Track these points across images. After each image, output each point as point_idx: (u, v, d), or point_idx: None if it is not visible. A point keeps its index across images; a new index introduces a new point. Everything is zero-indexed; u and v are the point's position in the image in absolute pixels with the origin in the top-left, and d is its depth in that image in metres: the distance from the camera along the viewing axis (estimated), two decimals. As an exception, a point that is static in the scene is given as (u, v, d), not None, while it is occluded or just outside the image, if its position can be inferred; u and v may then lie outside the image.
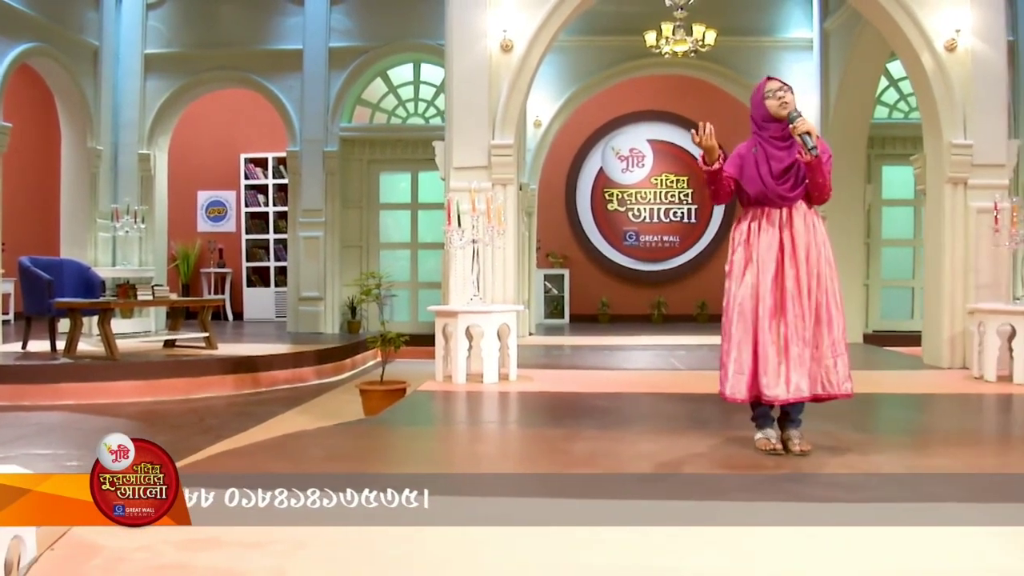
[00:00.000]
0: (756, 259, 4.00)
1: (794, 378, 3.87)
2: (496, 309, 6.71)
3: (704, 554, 2.63)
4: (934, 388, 6.54)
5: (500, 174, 7.45)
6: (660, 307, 14.95)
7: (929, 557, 2.60)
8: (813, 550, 2.68)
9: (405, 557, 2.59)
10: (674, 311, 14.96)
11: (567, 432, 4.72)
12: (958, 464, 3.85)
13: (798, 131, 3.92)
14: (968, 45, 7.69)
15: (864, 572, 2.52)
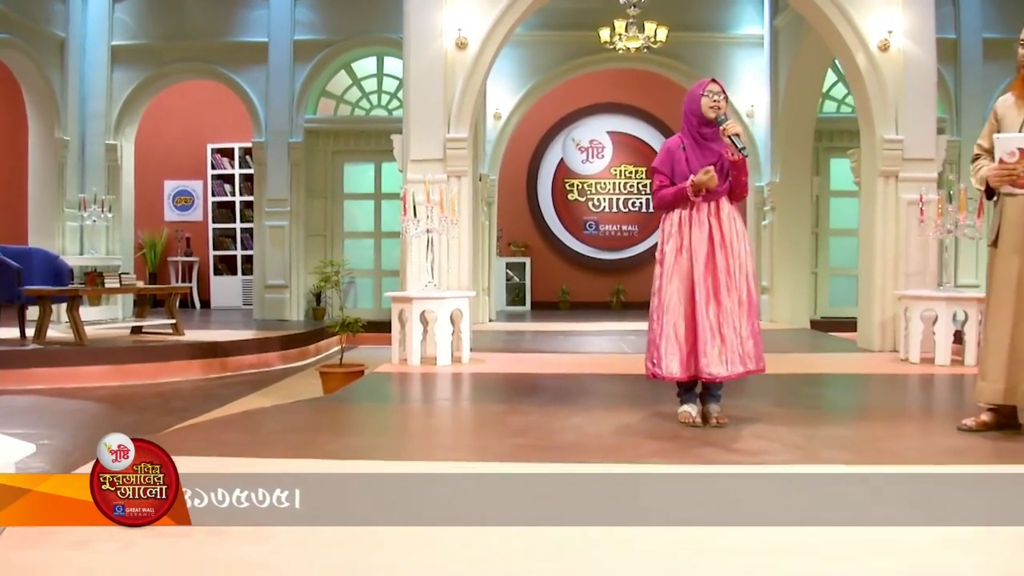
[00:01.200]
0: (689, 248, 4.37)
1: (731, 357, 4.26)
2: (449, 295, 7.07)
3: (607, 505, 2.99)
4: (859, 369, 6.99)
5: (455, 166, 7.79)
6: (619, 294, 15.37)
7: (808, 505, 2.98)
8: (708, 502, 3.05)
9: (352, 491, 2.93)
10: (632, 298, 15.36)
11: (507, 408, 5.11)
12: (850, 433, 4.26)
13: (728, 132, 4.29)
14: (900, 46, 8.13)
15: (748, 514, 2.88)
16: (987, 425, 4.29)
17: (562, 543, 2.58)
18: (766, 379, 5.96)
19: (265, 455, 3.76)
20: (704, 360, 4.24)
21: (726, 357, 4.25)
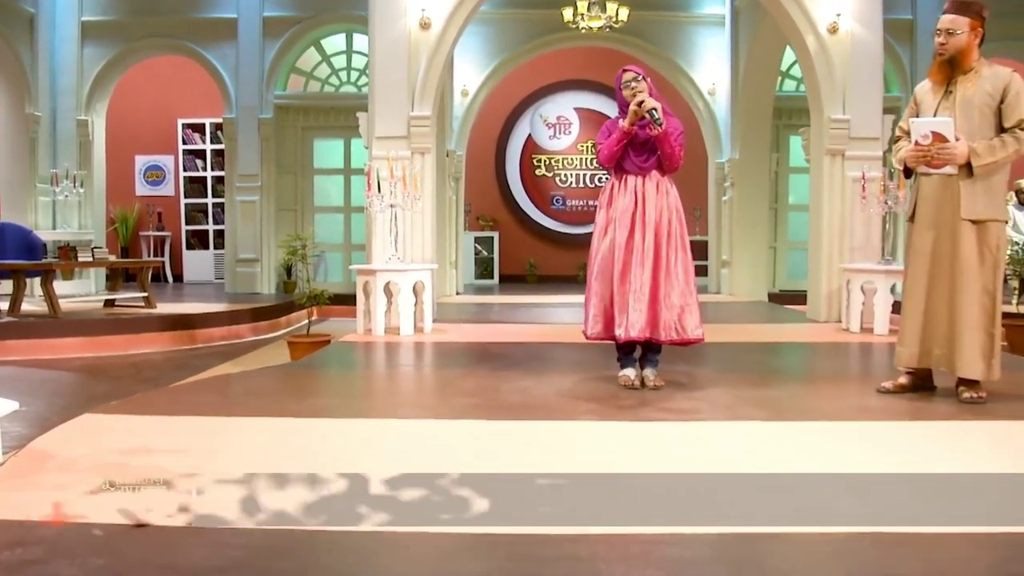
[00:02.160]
0: (615, 219, 4.69)
1: (641, 321, 4.56)
2: (412, 268, 7.37)
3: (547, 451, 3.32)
4: (802, 338, 7.36)
5: (419, 143, 8.05)
6: (585, 268, 15.65)
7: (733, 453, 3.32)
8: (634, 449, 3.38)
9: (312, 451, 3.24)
10: (598, 272, 15.64)
11: (462, 373, 5.44)
12: (777, 394, 4.61)
13: (645, 108, 4.59)
14: (848, 28, 8.44)
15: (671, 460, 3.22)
16: (904, 387, 4.64)
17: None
18: (712, 347, 6.34)
19: (233, 414, 4.06)
20: (627, 323, 4.55)
21: (636, 320, 4.54)
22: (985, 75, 4.40)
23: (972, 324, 4.34)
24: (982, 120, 4.34)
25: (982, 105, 4.34)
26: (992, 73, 4.41)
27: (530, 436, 3.65)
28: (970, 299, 4.34)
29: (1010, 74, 4.39)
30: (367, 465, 3.09)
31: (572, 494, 2.81)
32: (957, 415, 4.12)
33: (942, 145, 4.30)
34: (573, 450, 3.43)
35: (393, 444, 3.51)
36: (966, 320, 4.34)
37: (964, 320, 4.34)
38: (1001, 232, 4.42)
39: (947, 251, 4.38)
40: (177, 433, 3.63)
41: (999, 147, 4.28)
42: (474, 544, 2.34)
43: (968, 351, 4.35)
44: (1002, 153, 4.28)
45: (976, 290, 4.34)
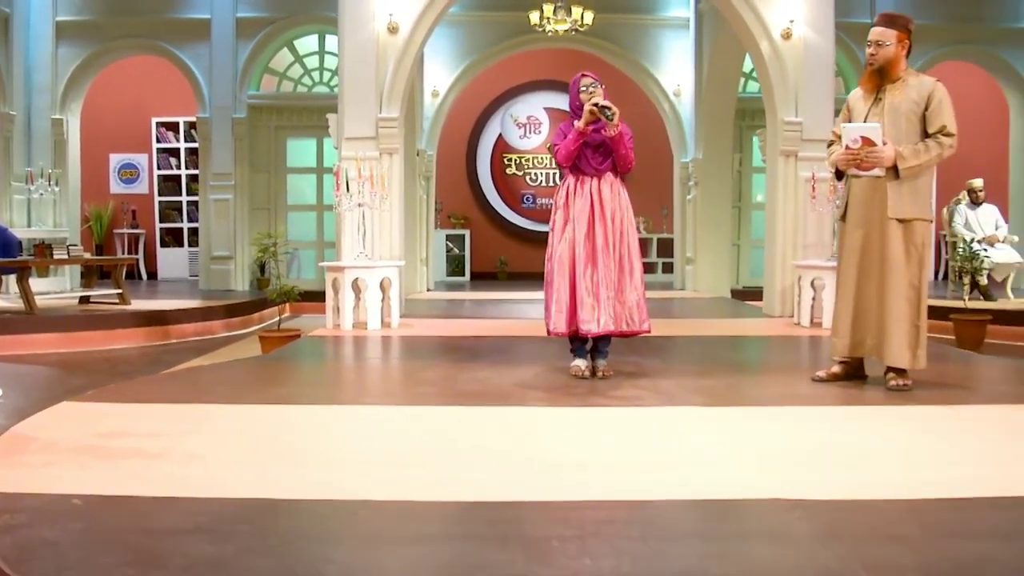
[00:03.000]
0: (572, 219, 4.97)
1: (603, 316, 4.86)
2: (379, 264, 7.62)
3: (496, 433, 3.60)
4: (754, 332, 7.68)
5: (387, 144, 8.30)
6: (553, 265, 15.97)
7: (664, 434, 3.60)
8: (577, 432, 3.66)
9: (277, 433, 3.49)
10: (568, 269, 15.96)
11: (423, 364, 5.71)
12: (718, 383, 4.91)
13: (599, 105, 4.87)
14: (801, 34, 8.77)
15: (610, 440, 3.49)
16: (837, 376, 4.96)
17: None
18: (665, 340, 6.65)
19: (203, 402, 4.31)
20: (581, 316, 4.84)
21: (598, 316, 4.84)
22: (911, 84, 4.72)
23: (899, 316, 4.65)
24: (908, 126, 4.65)
25: (908, 112, 4.65)
26: (918, 82, 4.72)
27: (482, 420, 3.93)
28: (897, 293, 4.65)
29: (934, 83, 4.70)
30: (324, 445, 3.36)
31: (513, 468, 3.08)
32: (882, 401, 4.43)
33: (870, 149, 4.60)
34: (520, 432, 3.71)
35: (351, 427, 3.78)
36: (893, 313, 4.65)
37: (891, 313, 4.65)
38: (926, 231, 4.73)
39: (876, 248, 4.70)
40: (150, 419, 3.88)
41: (923, 151, 4.59)
42: (416, 510, 2.61)
43: (895, 342, 4.66)
44: (926, 157, 4.60)
45: (903, 285, 4.65)
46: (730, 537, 2.41)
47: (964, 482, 2.91)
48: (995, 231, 10.86)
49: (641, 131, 16.19)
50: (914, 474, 3.05)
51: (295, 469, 3.04)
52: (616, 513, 2.58)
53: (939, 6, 13.25)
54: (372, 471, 3.02)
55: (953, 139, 4.61)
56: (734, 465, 3.14)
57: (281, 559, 2.18)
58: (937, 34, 13.22)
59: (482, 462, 3.17)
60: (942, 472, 3.08)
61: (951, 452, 3.39)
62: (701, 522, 2.56)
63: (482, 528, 2.47)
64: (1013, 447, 3.47)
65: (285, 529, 2.43)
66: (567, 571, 2.13)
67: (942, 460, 3.27)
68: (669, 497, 2.72)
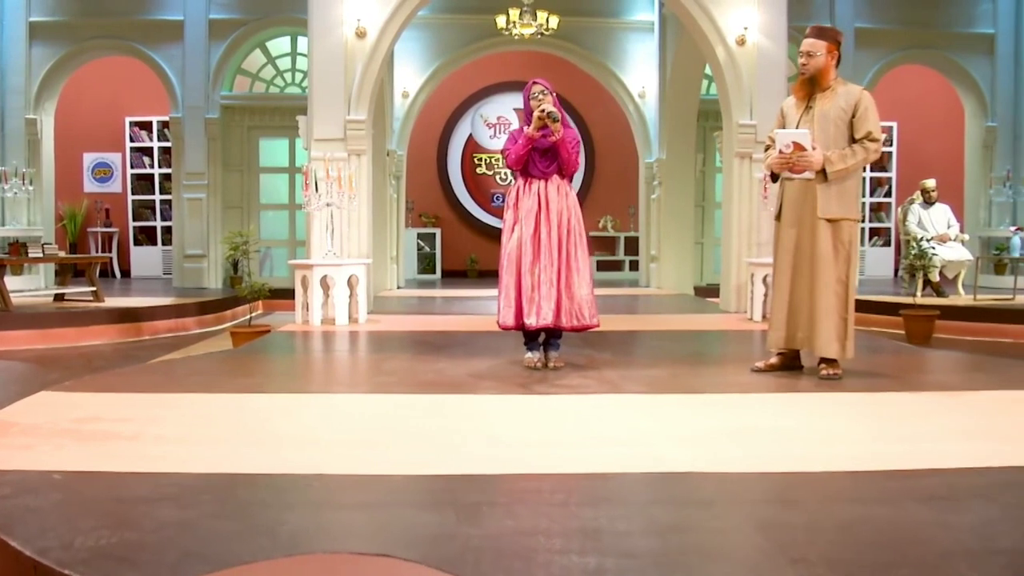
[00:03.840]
0: (520, 218, 5.27)
1: (544, 310, 5.15)
2: (346, 262, 7.90)
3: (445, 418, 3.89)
4: (707, 326, 8.02)
5: (355, 145, 8.58)
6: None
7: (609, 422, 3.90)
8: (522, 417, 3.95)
9: (244, 418, 3.76)
10: (537, 267, 16.28)
11: (385, 356, 6.01)
12: (662, 373, 5.23)
13: (545, 111, 5.17)
14: (755, 41, 9.12)
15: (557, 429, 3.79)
16: (774, 367, 5.29)
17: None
18: (619, 334, 6.97)
19: (174, 391, 4.57)
20: (535, 312, 5.14)
21: (541, 310, 5.13)
22: (840, 92, 5.05)
23: (828, 310, 4.99)
24: (837, 132, 4.98)
25: (837, 119, 4.99)
26: (846, 91, 5.06)
27: (433, 407, 4.22)
28: (826, 288, 4.99)
29: (860, 92, 5.04)
30: (286, 429, 3.65)
31: (455, 447, 3.37)
32: (812, 388, 4.77)
33: (801, 154, 4.93)
34: (466, 417, 4.00)
35: (312, 413, 4.07)
36: (823, 306, 4.99)
37: (821, 307, 4.99)
38: (853, 229, 5.07)
39: (807, 246, 5.03)
40: (123, 406, 4.14)
41: (850, 156, 4.93)
42: (363, 482, 2.91)
43: (825, 334, 5.00)
44: (852, 161, 4.93)
45: (831, 280, 4.99)
46: (641, 503, 2.72)
47: (863, 457, 3.23)
48: (947, 230, 11.26)
49: (608, 132, 16.65)
50: (822, 450, 3.36)
51: (257, 449, 3.32)
52: (544, 484, 2.88)
53: (896, 12, 13.67)
54: (327, 450, 3.30)
55: (878, 144, 4.95)
56: (659, 444, 3.45)
57: (239, 522, 2.46)
58: (894, 39, 13.65)
59: (428, 442, 3.46)
60: (847, 449, 3.39)
61: (860, 432, 3.72)
62: (617, 490, 2.86)
63: (420, 496, 2.77)
64: (916, 427, 3.80)
65: (244, 498, 2.71)
66: (492, 530, 2.42)
67: (850, 439, 3.59)
68: (593, 471, 3.02)
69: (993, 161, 13.99)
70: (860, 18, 13.67)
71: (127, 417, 3.83)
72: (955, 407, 4.29)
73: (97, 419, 3.78)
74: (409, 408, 4.19)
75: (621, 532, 2.38)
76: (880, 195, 16.22)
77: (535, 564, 2.16)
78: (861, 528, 2.47)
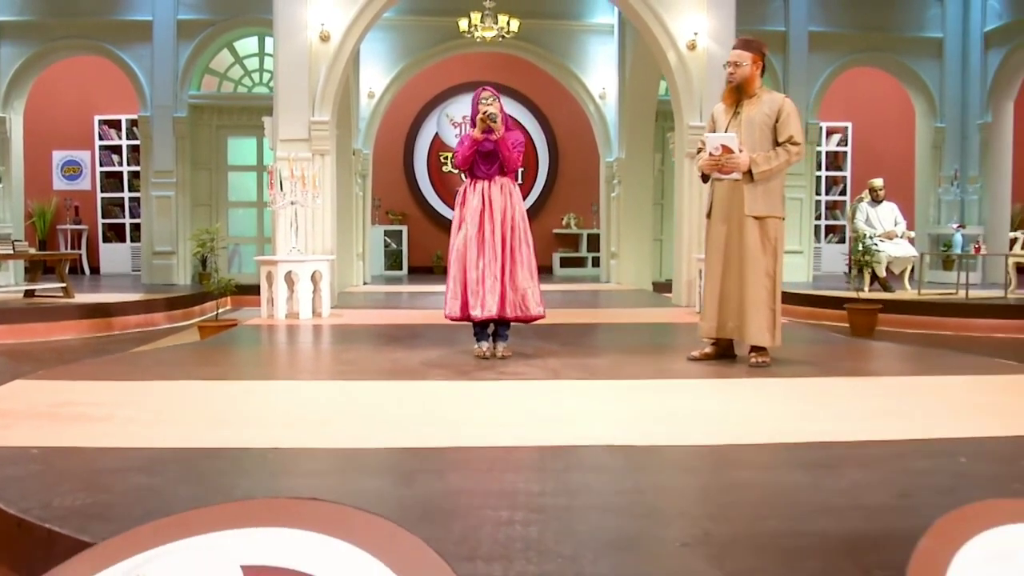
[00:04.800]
0: (468, 217, 5.61)
1: (489, 303, 5.50)
2: (310, 258, 8.20)
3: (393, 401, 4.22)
4: (656, 319, 8.40)
5: (319, 146, 8.89)
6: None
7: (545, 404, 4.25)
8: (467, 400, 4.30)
9: (208, 402, 4.08)
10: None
11: (344, 347, 6.34)
12: (601, 362, 5.59)
13: (486, 113, 5.52)
14: (704, 46, 9.51)
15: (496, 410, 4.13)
16: (709, 356, 5.66)
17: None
18: (568, 327, 7.33)
19: (143, 379, 4.87)
20: (480, 304, 5.49)
21: (485, 302, 5.48)
22: (764, 99, 5.43)
23: (757, 302, 5.37)
24: (762, 135, 5.37)
25: (762, 124, 5.37)
26: (770, 98, 5.44)
27: (384, 391, 4.56)
28: (755, 281, 5.36)
29: (783, 99, 5.43)
30: (247, 410, 3.97)
31: (399, 425, 3.71)
32: (741, 375, 5.14)
33: (729, 156, 5.31)
34: (413, 400, 4.34)
35: (272, 397, 4.39)
36: (752, 299, 5.37)
37: (751, 298, 5.37)
38: (779, 226, 5.45)
39: (736, 242, 5.41)
40: (95, 392, 4.44)
41: (774, 158, 5.31)
42: (314, 454, 3.24)
43: (755, 324, 5.38)
44: (776, 162, 5.32)
45: (760, 274, 5.37)
46: (557, 469, 3.06)
47: (769, 433, 3.59)
48: (894, 227, 11.74)
49: (571, 132, 17.01)
50: (734, 428, 3.72)
51: (220, 429, 3.64)
52: (473, 455, 3.23)
53: (848, 16, 14.14)
54: (284, 429, 3.63)
55: (800, 147, 5.34)
56: (586, 423, 3.80)
57: (199, 486, 2.79)
58: (847, 42, 14.13)
59: (376, 422, 3.80)
60: (758, 426, 3.75)
61: (775, 412, 4.09)
62: (538, 459, 3.21)
63: (364, 466, 3.11)
64: (825, 408, 4.18)
65: (205, 468, 3.04)
66: (423, 491, 2.77)
67: (764, 418, 3.96)
68: (518, 444, 3.37)
69: (942, 161, 14.50)
70: (814, 22, 14.12)
71: (99, 401, 4.14)
72: (867, 390, 4.69)
73: (71, 403, 4.08)
74: (361, 393, 4.52)
75: (534, 492, 2.73)
76: (835, 193, 16.72)
77: (454, 516, 2.51)
78: (745, 489, 2.83)
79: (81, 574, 1.88)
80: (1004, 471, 3.05)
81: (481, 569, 2.08)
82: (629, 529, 2.39)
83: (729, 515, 2.57)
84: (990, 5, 13.89)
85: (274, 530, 1.89)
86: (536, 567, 2.09)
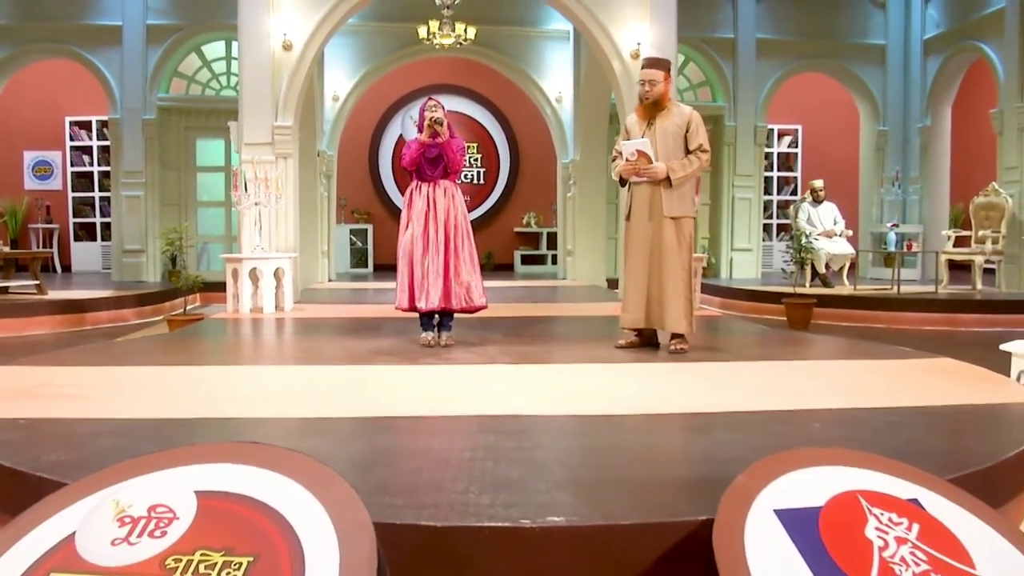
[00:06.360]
0: (413, 217, 6.15)
1: (432, 296, 6.05)
2: (273, 256, 8.71)
3: (341, 382, 4.75)
4: (598, 313, 8.97)
5: (282, 149, 9.38)
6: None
7: (475, 384, 4.79)
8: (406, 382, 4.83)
9: (174, 383, 4.58)
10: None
11: (302, 338, 6.87)
12: (535, 349, 6.15)
13: (432, 118, 6.06)
14: (647, 55, 10.05)
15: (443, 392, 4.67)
16: (634, 344, 6.23)
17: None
18: (514, 319, 7.86)
19: (115, 364, 5.37)
20: (426, 297, 6.04)
21: (429, 295, 6.03)
22: (675, 112, 6.01)
23: (676, 293, 5.94)
24: (675, 144, 5.94)
25: (674, 134, 5.94)
26: (679, 110, 6.03)
27: (333, 375, 5.08)
28: (673, 274, 5.93)
29: (691, 111, 6.01)
30: (209, 390, 4.48)
31: (344, 401, 4.25)
32: (660, 360, 5.71)
33: (647, 166, 5.87)
34: (359, 381, 4.87)
35: (231, 378, 4.91)
36: (670, 290, 5.93)
37: (670, 290, 5.93)
38: (691, 225, 6.03)
39: (655, 240, 5.97)
40: (71, 375, 4.94)
41: (688, 164, 5.89)
42: (268, 424, 3.77)
43: (673, 313, 5.95)
44: (691, 168, 5.89)
45: (676, 268, 5.94)
46: (470, 432, 3.61)
47: (658, 405, 4.16)
48: (833, 226, 12.39)
49: (531, 134, 17.58)
50: (637, 402, 4.27)
51: (183, 403, 4.15)
52: (400, 423, 3.78)
53: (795, 23, 14.78)
54: (241, 404, 4.15)
55: (708, 154, 5.94)
56: (506, 398, 4.35)
57: (163, 445, 3.29)
58: (794, 49, 14.78)
59: (322, 399, 4.33)
60: (659, 402, 4.31)
61: (679, 389, 4.66)
62: (456, 425, 3.76)
63: (306, 430, 3.65)
64: (725, 386, 4.75)
65: (168, 432, 3.57)
66: (352, 448, 3.31)
67: (661, 394, 4.53)
68: (453, 415, 3.93)
69: (884, 162, 15.20)
70: (761, 29, 14.74)
71: (74, 383, 4.64)
72: (763, 372, 5.27)
73: (48, 385, 4.58)
74: (314, 375, 5.06)
75: (446, 449, 3.28)
76: (786, 193, 17.38)
77: (376, 465, 3.05)
78: (622, 449, 3.39)
79: (66, 502, 2.43)
80: (846, 434, 3.63)
81: (387, 500, 2.61)
82: (513, 473, 2.94)
83: (600, 464, 3.13)
84: (929, 14, 14.58)
85: (220, 465, 2.44)
86: (432, 498, 2.64)
